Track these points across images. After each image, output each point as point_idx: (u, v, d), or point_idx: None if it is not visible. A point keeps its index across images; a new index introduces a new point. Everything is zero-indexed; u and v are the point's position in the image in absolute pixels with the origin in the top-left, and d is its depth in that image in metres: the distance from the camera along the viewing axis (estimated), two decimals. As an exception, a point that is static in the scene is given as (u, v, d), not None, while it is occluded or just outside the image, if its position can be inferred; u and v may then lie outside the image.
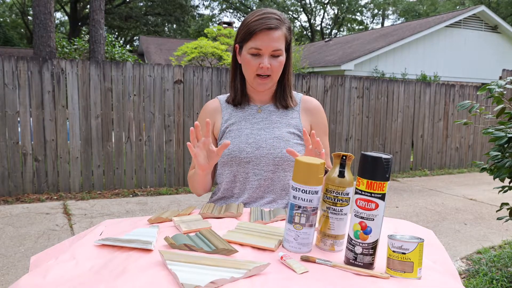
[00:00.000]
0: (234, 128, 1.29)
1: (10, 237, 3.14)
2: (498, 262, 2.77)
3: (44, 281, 0.73)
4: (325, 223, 0.86)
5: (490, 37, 11.91)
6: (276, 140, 1.26)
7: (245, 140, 1.26)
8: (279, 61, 1.22)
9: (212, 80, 5.02)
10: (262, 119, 1.30)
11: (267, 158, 1.25)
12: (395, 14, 30.44)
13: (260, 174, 1.26)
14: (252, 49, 1.20)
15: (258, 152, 1.25)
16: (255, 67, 1.21)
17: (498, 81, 2.07)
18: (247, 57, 1.21)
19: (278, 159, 1.25)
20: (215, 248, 0.82)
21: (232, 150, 1.26)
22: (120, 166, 4.72)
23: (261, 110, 1.32)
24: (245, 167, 1.26)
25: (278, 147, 1.25)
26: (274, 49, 1.19)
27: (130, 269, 0.74)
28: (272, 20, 1.19)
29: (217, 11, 30.49)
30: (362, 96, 5.96)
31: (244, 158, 1.25)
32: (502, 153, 2.13)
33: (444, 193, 5.06)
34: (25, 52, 16.79)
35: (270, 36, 1.18)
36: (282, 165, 1.26)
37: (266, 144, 1.26)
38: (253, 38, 1.19)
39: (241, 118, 1.30)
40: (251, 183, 1.27)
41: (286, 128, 1.29)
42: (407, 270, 0.74)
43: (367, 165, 0.78)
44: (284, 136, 1.27)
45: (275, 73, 1.23)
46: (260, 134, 1.27)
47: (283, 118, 1.31)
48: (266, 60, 1.19)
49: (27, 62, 4.22)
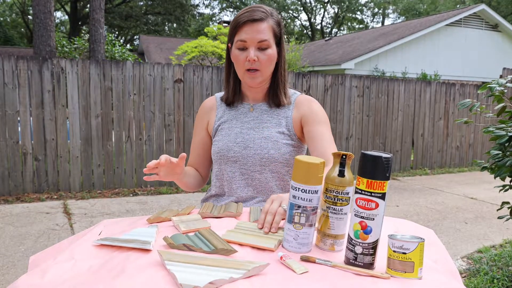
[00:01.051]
0: (225, 127, 1.29)
1: (10, 237, 3.14)
2: (499, 261, 2.77)
3: (42, 281, 0.73)
4: (325, 222, 0.86)
5: (491, 36, 11.89)
6: (264, 140, 1.24)
7: (233, 139, 1.26)
8: (267, 54, 1.19)
9: (212, 79, 5.01)
10: (253, 118, 1.29)
11: (253, 158, 1.24)
12: (395, 13, 30.40)
13: (247, 173, 1.25)
14: (238, 43, 1.19)
15: (245, 152, 1.24)
16: (243, 61, 1.19)
17: (499, 79, 2.06)
18: (235, 52, 1.21)
19: (264, 159, 1.23)
20: (214, 248, 0.82)
21: (221, 148, 1.26)
22: (120, 165, 4.71)
23: (253, 108, 1.31)
24: (232, 166, 1.26)
25: (265, 148, 1.23)
26: (259, 41, 1.17)
27: (128, 269, 0.74)
28: (257, 12, 1.18)
29: (217, 10, 30.48)
30: (362, 95, 5.95)
31: (231, 157, 1.25)
32: (502, 152, 2.12)
33: (445, 192, 5.06)
34: (25, 51, 16.79)
35: (254, 28, 1.17)
36: (269, 166, 1.24)
37: (254, 144, 1.24)
38: (238, 31, 1.19)
39: (232, 117, 1.31)
40: (238, 182, 1.26)
41: (276, 128, 1.27)
42: (407, 270, 0.74)
43: (367, 164, 0.77)
44: (273, 136, 1.25)
45: (264, 66, 1.20)
46: (249, 133, 1.26)
47: (275, 117, 1.28)
48: (252, 52, 1.17)
49: (27, 62, 4.22)
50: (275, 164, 1.24)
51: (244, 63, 1.20)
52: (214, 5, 31.44)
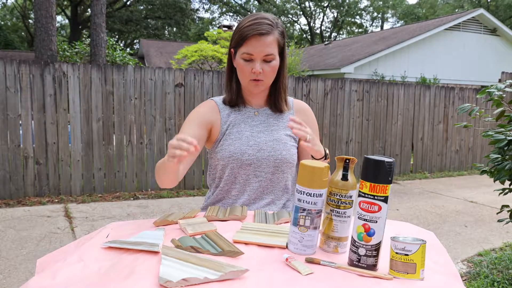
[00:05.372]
0: (234, 131, 1.30)
1: (12, 240, 3.15)
2: (499, 264, 2.78)
3: (53, 282, 0.74)
4: (329, 225, 0.88)
5: (489, 40, 11.95)
6: (276, 143, 1.29)
7: (246, 142, 1.28)
8: (271, 66, 1.23)
9: (213, 83, 5.04)
10: (260, 121, 1.33)
11: (267, 160, 1.28)
12: (394, 17, 30.55)
13: (261, 175, 1.28)
14: (244, 54, 1.21)
15: (259, 154, 1.27)
16: (248, 73, 1.23)
17: (498, 84, 2.09)
18: (240, 62, 1.23)
19: (278, 161, 1.28)
20: (221, 250, 0.84)
21: (234, 152, 1.27)
22: (121, 169, 4.73)
23: (258, 113, 1.34)
24: (246, 169, 1.28)
25: (278, 149, 1.28)
26: (265, 54, 1.21)
27: (137, 271, 0.75)
28: (264, 26, 1.20)
29: (217, 15, 30.58)
30: (362, 99, 5.98)
31: (246, 161, 1.27)
32: (502, 156, 2.14)
33: (445, 196, 5.07)
34: (26, 55, 16.83)
35: (262, 42, 1.20)
36: (281, 166, 1.29)
37: (267, 146, 1.28)
38: (245, 43, 1.21)
39: (240, 121, 1.32)
40: (252, 184, 1.29)
41: (283, 130, 1.32)
42: (409, 271, 0.76)
43: (370, 168, 0.79)
44: (283, 138, 1.30)
45: (267, 77, 1.25)
46: (260, 136, 1.29)
47: (280, 121, 1.34)
48: (258, 65, 1.21)
49: (29, 66, 4.25)
50: (286, 164, 1.30)
51: (249, 74, 1.23)
52: (214, 9, 31.55)
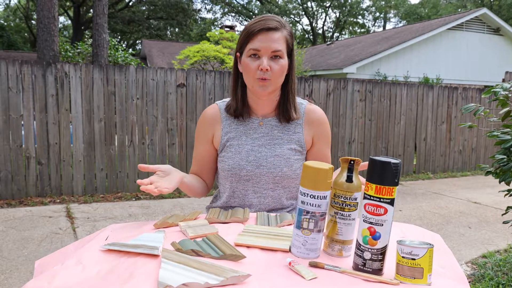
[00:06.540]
0: (235, 143, 1.25)
1: (13, 240, 3.14)
2: (504, 266, 2.75)
3: (50, 286, 0.73)
4: (333, 228, 0.86)
5: (492, 40, 11.90)
6: (276, 159, 1.22)
7: (245, 157, 1.23)
8: (279, 64, 1.15)
9: (215, 83, 5.03)
10: (263, 134, 1.25)
11: (267, 177, 1.22)
12: (397, 17, 30.46)
13: (260, 192, 1.24)
14: (251, 50, 1.15)
15: (258, 171, 1.22)
16: (254, 70, 1.15)
17: (503, 84, 2.06)
18: (246, 61, 1.16)
19: (278, 177, 1.22)
20: (223, 253, 0.81)
21: (232, 167, 1.22)
22: (123, 170, 4.72)
23: (262, 123, 1.26)
24: (245, 184, 1.24)
25: (278, 166, 1.22)
26: (273, 50, 1.14)
27: (137, 274, 0.74)
28: (271, 22, 1.15)
29: (219, 15, 30.58)
30: (364, 99, 5.95)
31: (243, 176, 1.23)
32: (508, 156, 2.11)
33: (448, 196, 5.04)
34: (29, 56, 16.87)
35: (269, 37, 1.14)
36: (281, 183, 1.23)
37: (267, 162, 1.22)
38: (252, 39, 1.15)
39: (241, 133, 1.26)
40: (250, 200, 1.25)
41: (287, 144, 1.24)
42: (417, 276, 0.74)
43: (376, 170, 0.77)
44: (285, 154, 1.23)
45: (275, 76, 1.16)
46: (261, 151, 1.23)
47: (285, 133, 1.25)
48: (265, 61, 1.13)
49: (31, 66, 4.24)
50: (287, 180, 1.23)
51: (256, 72, 1.15)
52: (216, 10, 31.59)
